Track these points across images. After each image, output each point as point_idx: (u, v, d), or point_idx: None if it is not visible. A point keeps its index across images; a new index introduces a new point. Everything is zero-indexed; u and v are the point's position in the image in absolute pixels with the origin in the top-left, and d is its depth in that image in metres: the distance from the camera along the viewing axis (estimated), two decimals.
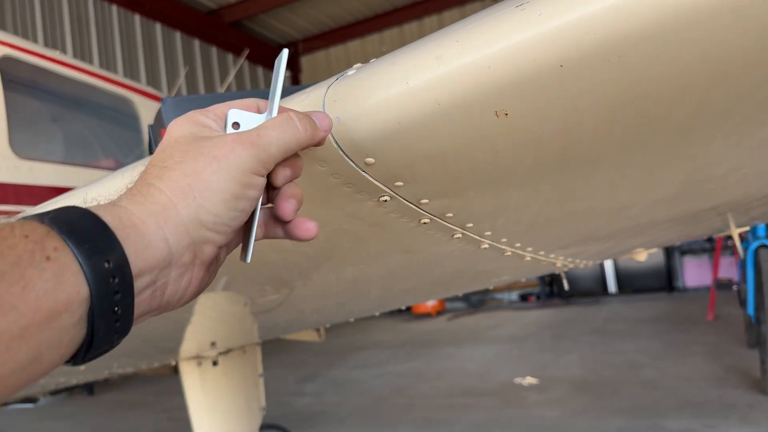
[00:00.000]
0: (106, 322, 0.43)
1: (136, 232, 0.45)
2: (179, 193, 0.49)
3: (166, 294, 0.49)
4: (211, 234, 0.50)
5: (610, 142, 0.66)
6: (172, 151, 0.52)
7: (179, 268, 0.49)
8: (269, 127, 0.54)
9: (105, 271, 0.42)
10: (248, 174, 0.51)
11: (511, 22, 0.52)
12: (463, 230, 0.88)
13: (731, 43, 0.50)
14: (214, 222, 0.50)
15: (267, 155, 0.53)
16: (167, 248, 0.47)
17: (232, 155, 0.51)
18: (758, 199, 1.17)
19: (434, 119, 0.58)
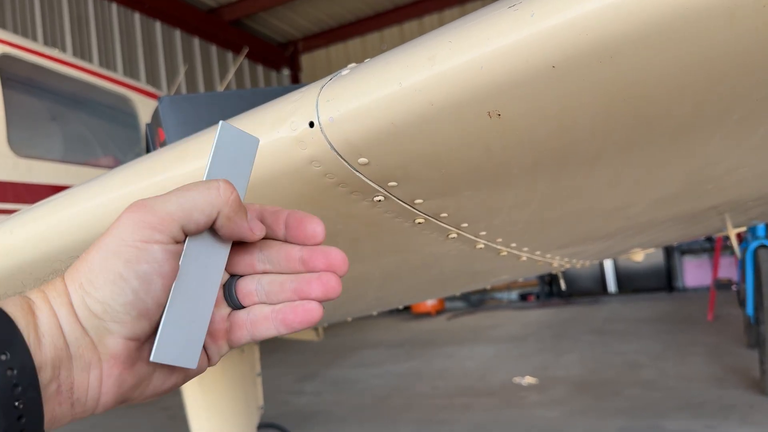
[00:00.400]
0: (7, 418, 0.39)
1: (34, 320, 0.42)
2: (70, 278, 0.45)
3: (75, 390, 0.44)
4: (108, 324, 0.44)
5: (606, 142, 0.66)
6: None
7: (80, 360, 0.44)
8: (179, 188, 0.47)
9: (1, 364, 0.39)
10: (132, 245, 0.44)
11: (503, 23, 0.52)
12: (458, 230, 0.88)
13: (725, 44, 0.50)
14: (104, 310, 0.43)
15: (157, 216, 0.44)
16: (62, 338, 0.43)
17: (115, 226, 0.45)
18: (756, 200, 1.17)
19: (427, 120, 0.58)
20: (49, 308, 0.43)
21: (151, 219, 0.44)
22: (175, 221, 0.45)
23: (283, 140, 0.65)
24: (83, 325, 0.44)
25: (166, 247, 0.45)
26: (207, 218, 0.47)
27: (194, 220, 0.46)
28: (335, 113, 0.61)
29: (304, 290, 0.50)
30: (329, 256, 0.51)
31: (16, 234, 0.89)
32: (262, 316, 0.51)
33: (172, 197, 0.46)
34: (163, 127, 1.33)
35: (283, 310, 0.51)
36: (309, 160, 0.65)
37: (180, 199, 0.46)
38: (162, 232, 0.44)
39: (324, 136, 0.62)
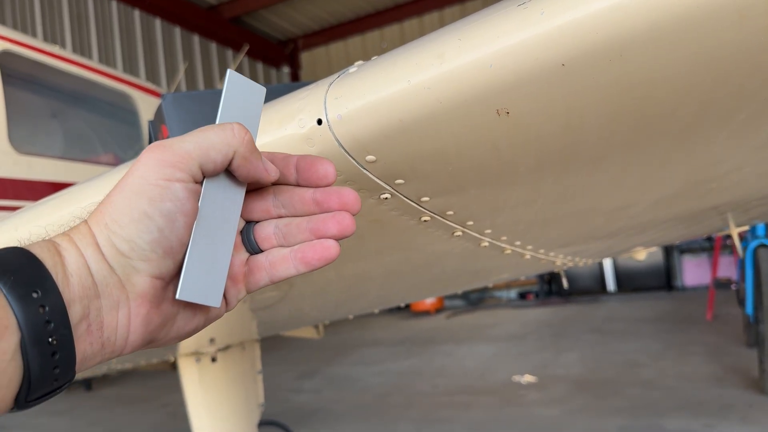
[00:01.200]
0: (41, 354, 0.41)
1: (62, 261, 0.44)
2: (95, 219, 0.46)
3: (105, 329, 0.45)
4: (134, 262, 0.45)
5: (612, 141, 0.66)
6: None
7: (108, 299, 0.45)
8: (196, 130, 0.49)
9: (33, 301, 0.41)
10: (155, 183, 0.45)
11: (512, 21, 0.52)
12: (463, 228, 0.88)
13: (733, 43, 0.50)
14: (130, 248, 0.45)
15: (176, 155, 0.46)
16: (90, 277, 0.44)
17: (136, 166, 0.46)
18: (758, 199, 1.17)
19: (436, 117, 0.58)
20: (76, 249, 0.44)
21: (170, 157, 0.46)
22: (193, 159, 0.46)
23: (291, 137, 0.65)
24: (110, 263, 0.45)
25: (187, 186, 0.46)
26: (224, 157, 0.48)
27: (212, 158, 0.47)
28: (343, 110, 0.61)
29: (320, 229, 0.52)
30: (342, 195, 0.52)
31: (21, 231, 0.89)
32: (280, 257, 0.53)
33: (188, 137, 0.47)
34: (167, 125, 1.33)
35: (302, 248, 0.52)
36: None
37: (197, 139, 0.47)
38: (182, 170, 0.46)
39: (332, 134, 0.62)
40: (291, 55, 11.88)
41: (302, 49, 11.91)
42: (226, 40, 10.31)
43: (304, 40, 11.79)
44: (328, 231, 0.52)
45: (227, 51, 10.44)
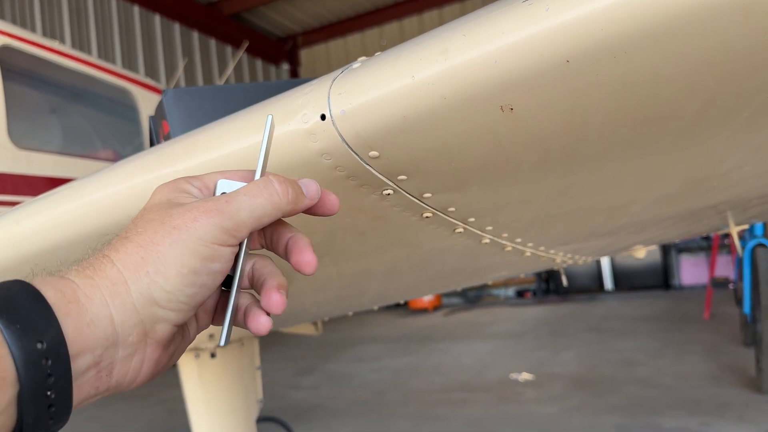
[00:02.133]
0: (37, 407, 0.39)
1: (78, 308, 0.42)
2: (132, 267, 0.45)
3: (114, 375, 0.45)
4: (165, 312, 0.46)
5: (616, 138, 0.66)
6: (139, 219, 0.48)
7: (127, 348, 0.45)
8: (241, 193, 0.49)
9: (36, 353, 0.39)
10: (210, 245, 0.46)
11: (517, 17, 0.52)
12: (465, 225, 0.88)
13: (738, 40, 0.50)
14: (168, 299, 0.45)
15: (233, 223, 0.47)
16: (111, 327, 0.43)
17: (193, 225, 0.46)
18: (758, 198, 1.17)
19: (439, 114, 0.58)
20: (101, 297, 0.44)
21: (229, 226, 0.47)
22: (247, 228, 0.48)
23: (294, 133, 0.65)
24: (140, 313, 0.45)
25: (233, 250, 0.48)
26: (271, 220, 0.50)
27: (263, 223, 0.49)
28: (347, 106, 0.61)
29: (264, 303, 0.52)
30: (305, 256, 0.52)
31: (23, 225, 0.89)
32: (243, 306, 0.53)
33: (243, 204, 0.48)
34: (168, 120, 1.32)
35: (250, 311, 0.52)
36: (320, 152, 0.65)
37: (251, 207, 0.48)
38: (236, 237, 0.48)
39: (335, 129, 0.62)
40: (290, 52, 11.86)
41: (302, 47, 11.89)
42: (225, 37, 10.30)
43: (303, 37, 11.77)
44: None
45: (227, 47, 10.42)
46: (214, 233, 0.46)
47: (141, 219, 0.48)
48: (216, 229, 0.46)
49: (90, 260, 0.46)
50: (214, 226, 0.46)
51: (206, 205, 0.47)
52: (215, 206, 0.47)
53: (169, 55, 9.24)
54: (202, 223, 0.46)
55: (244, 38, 9.49)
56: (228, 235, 0.47)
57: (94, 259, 0.46)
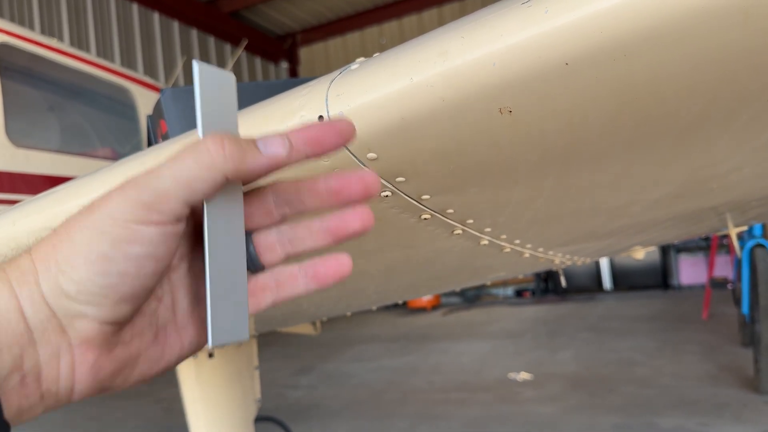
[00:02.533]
0: None
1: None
2: (42, 256, 0.40)
3: (43, 381, 0.40)
4: (80, 306, 0.39)
5: (615, 140, 0.66)
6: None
7: (47, 346, 0.40)
8: (167, 160, 0.41)
9: None
10: (124, 224, 0.39)
11: (516, 19, 0.52)
12: (463, 226, 0.88)
13: (737, 43, 0.50)
14: (77, 291, 0.39)
15: (153, 194, 0.39)
16: (23, 321, 0.39)
17: (105, 203, 0.39)
18: (758, 200, 1.17)
19: (438, 115, 0.58)
20: (9, 288, 0.39)
21: (146, 198, 0.39)
22: (173, 198, 0.39)
23: None
24: (51, 306, 0.39)
25: (164, 229, 0.40)
26: (212, 184, 0.40)
27: (198, 190, 0.40)
28: (345, 108, 0.61)
29: (341, 227, 0.45)
30: (365, 178, 0.45)
31: (19, 225, 0.88)
32: (288, 275, 0.46)
33: (164, 171, 0.39)
34: (166, 119, 1.32)
35: (313, 264, 0.45)
36: None
37: (174, 172, 0.39)
38: (160, 212, 0.39)
39: None
40: (289, 51, 11.87)
41: (301, 45, 11.90)
42: (224, 35, 10.30)
43: (302, 35, 11.77)
44: (349, 228, 0.45)
45: (226, 45, 10.42)
46: (128, 209, 0.39)
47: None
48: (130, 204, 0.39)
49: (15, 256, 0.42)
50: (128, 200, 0.39)
51: (126, 181, 0.41)
52: (133, 179, 0.40)
53: (167, 53, 9.23)
54: (114, 199, 0.39)
55: (243, 36, 9.49)
56: (146, 210, 0.39)
57: (18, 254, 0.42)
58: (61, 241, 0.40)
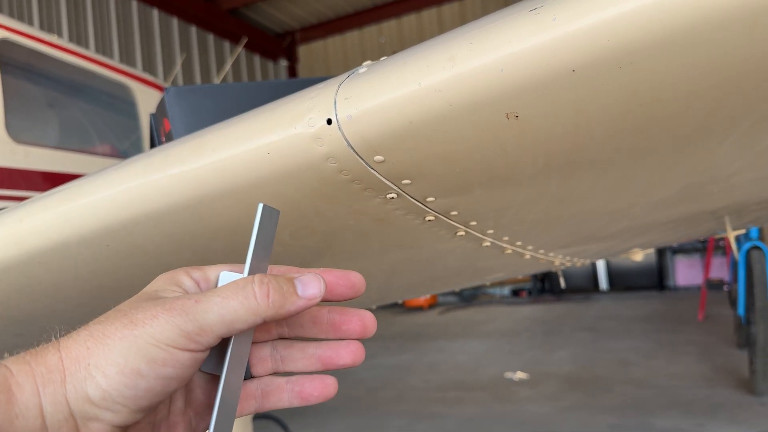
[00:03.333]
0: None
1: (8, 398, 0.39)
2: (74, 356, 0.41)
3: None
4: (99, 411, 0.40)
5: (619, 146, 0.67)
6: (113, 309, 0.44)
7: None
8: (215, 293, 0.44)
9: None
10: (163, 347, 0.41)
11: (525, 26, 0.53)
12: (466, 228, 0.89)
13: (743, 52, 0.51)
14: (102, 398, 0.40)
15: (196, 326, 0.42)
16: (41, 419, 0.39)
17: (150, 322, 0.41)
18: (757, 203, 1.18)
19: (445, 120, 0.59)
20: (33, 385, 0.40)
21: (190, 329, 0.42)
22: (214, 334, 0.43)
23: (300, 136, 0.66)
24: (72, 408, 0.40)
25: (196, 356, 0.43)
26: (248, 327, 0.44)
27: (236, 329, 0.44)
28: (353, 111, 0.62)
29: (332, 358, 0.48)
30: (363, 318, 0.49)
31: (26, 222, 0.89)
32: (275, 387, 0.49)
33: (212, 306, 0.43)
34: (169, 118, 1.33)
35: (300, 382, 0.49)
36: (325, 156, 0.66)
37: (220, 310, 0.43)
38: (198, 343, 0.42)
39: (341, 134, 0.63)
40: (288, 49, 11.86)
41: (300, 43, 11.89)
42: (224, 32, 10.29)
43: (301, 33, 11.77)
44: (341, 361, 0.48)
45: (225, 43, 10.41)
46: (171, 334, 0.41)
47: (115, 308, 0.44)
48: (174, 330, 0.41)
49: (39, 347, 0.43)
50: (173, 326, 0.41)
51: (173, 303, 0.43)
52: (181, 305, 0.43)
53: (167, 50, 9.22)
54: (160, 321, 0.41)
55: (243, 34, 9.49)
56: (187, 339, 0.42)
57: (44, 346, 0.42)
58: (96, 345, 0.41)
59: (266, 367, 0.50)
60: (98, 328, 0.42)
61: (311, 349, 0.49)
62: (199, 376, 0.49)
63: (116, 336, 0.41)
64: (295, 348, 0.49)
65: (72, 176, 3.26)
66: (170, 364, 0.41)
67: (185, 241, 0.86)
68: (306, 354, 0.49)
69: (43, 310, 1.11)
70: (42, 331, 1.13)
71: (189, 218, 0.79)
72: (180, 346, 0.42)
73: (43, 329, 1.16)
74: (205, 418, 0.49)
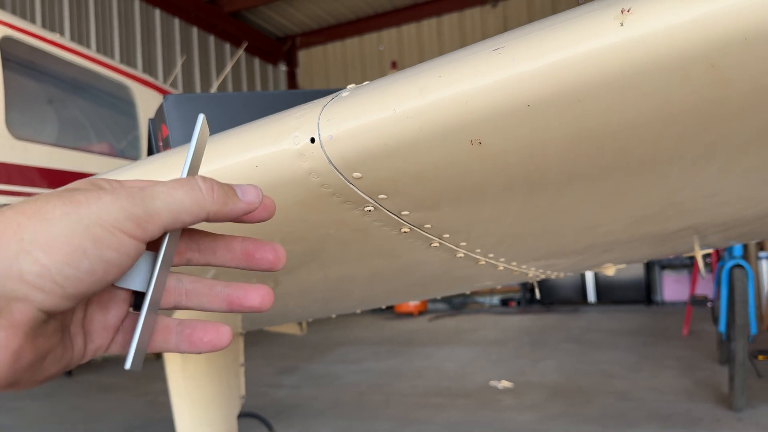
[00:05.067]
0: None
1: None
2: (3, 228, 0.37)
3: None
4: (28, 288, 0.36)
5: (573, 170, 0.73)
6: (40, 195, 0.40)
7: None
8: (159, 183, 0.42)
9: None
10: (111, 228, 0.38)
11: (487, 63, 0.59)
12: (440, 240, 0.96)
13: (678, 95, 0.57)
14: (39, 274, 0.36)
15: (144, 210, 0.40)
16: None
17: (95, 202, 0.38)
18: (717, 225, 1.25)
19: (416, 143, 0.65)
20: None
21: (138, 213, 0.40)
22: (161, 222, 0.41)
23: (286, 152, 0.72)
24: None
25: (138, 245, 0.40)
26: (193, 219, 0.42)
27: (180, 221, 0.42)
28: (334, 131, 0.68)
29: (240, 299, 0.46)
30: (277, 250, 0.48)
31: None
32: (163, 326, 0.46)
33: (158, 194, 0.41)
34: (167, 124, 1.39)
35: (191, 326, 0.46)
36: (308, 171, 0.72)
37: (167, 199, 0.41)
38: (144, 230, 0.40)
39: (323, 152, 0.69)
40: (288, 53, 11.93)
41: (300, 47, 11.96)
42: (224, 34, 10.35)
43: (302, 38, 11.85)
44: (249, 303, 0.46)
45: (225, 45, 10.48)
46: (119, 216, 0.39)
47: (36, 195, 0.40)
48: (122, 212, 0.39)
49: None
50: (120, 208, 0.39)
51: (115, 188, 0.41)
52: (125, 190, 0.40)
53: (167, 50, 9.28)
54: (105, 201, 0.39)
55: (243, 37, 9.56)
56: (135, 224, 0.39)
57: None
58: (30, 222, 0.37)
59: (168, 299, 0.46)
60: (29, 207, 0.38)
61: (219, 287, 0.47)
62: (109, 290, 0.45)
63: (56, 212, 0.37)
64: (202, 283, 0.47)
65: (69, 173, 3.32)
66: (115, 248, 0.39)
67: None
68: (213, 291, 0.47)
69: None
70: None
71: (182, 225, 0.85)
72: (127, 230, 0.39)
73: None
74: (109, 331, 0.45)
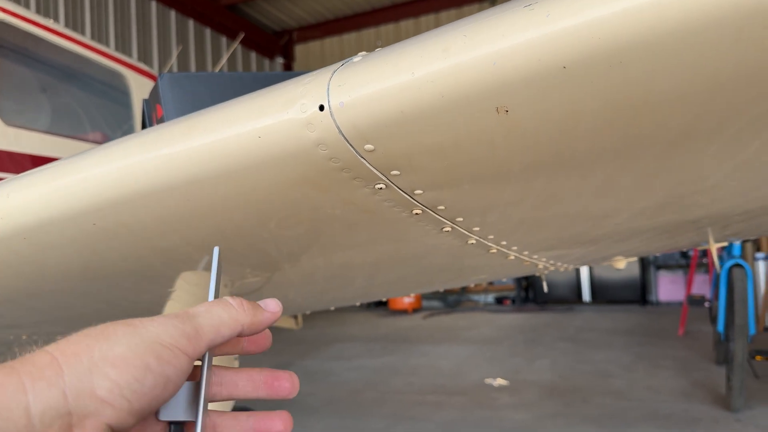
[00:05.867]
0: None
1: None
2: (71, 351, 0.40)
3: None
4: (99, 404, 0.39)
5: (605, 146, 0.68)
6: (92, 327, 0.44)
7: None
8: (198, 306, 0.48)
9: None
10: (169, 346, 0.43)
11: (519, 21, 0.54)
12: (452, 224, 0.90)
13: (730, 56, 0.52)
14: (110, 389, 0.39)
15: (194, 328, 0.45)
16: (25, 419, 0.36)
17: (151, 324, 0.43)
18: (740, 215, 1.20)
19: (436, 111, 0.59)
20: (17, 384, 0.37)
21: (190, 331, 0.45)
22: (206, 337, 0.46)
23: (292, 122, 0.66)
24: (70, 403, 0.38)
25: (190, 362, 0.45)
26: (231, 333, 0.48)
27: (221, 335, 0.47)
28: (346, 98, 0.62)
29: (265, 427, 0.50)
30: (293, 378, 0.53)
31: (13, 198, 0.89)
32: None
33: (200, 312, 0.47)
34: (162, 104, 1.33)
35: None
36: (316, 143, 0.66)
37: (210, 317, 0.47)
38: (195, 347, 0.45)
39: (333, 120, 0.63)
40: (285, 47, 11.86)
41: (297, 42, 11.89)
42: (221, 27, 10.27)
43: (299, 32, 11.77)
44: (273, 428, 0.50)
45: (221, 38, 10.39)
46: (174, 333, 0.43)
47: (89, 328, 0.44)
48: (176, 330, 0.44)
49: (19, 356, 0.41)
50: (174, 327, 0.44)
51: (163, 315, 0.46)
52: (173, 314, 0.46)
53: (163, 41, 9.19)
54: (160, 321, 0.44)
55: (240, 29, 9.47)
56: (187, 340, 0.44)
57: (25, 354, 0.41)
58: (97, 342, 0.41)
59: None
60: (93, 331, 0.42)
61: (244, 417, 0.50)
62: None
63: (118, 333, 0.42)
64: (226, 416, 0.50)
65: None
66: (173, 365, 0.43)
67: (172, 223, 0.86)
68: (238, 421, 0.50)
69: (26, 287, 1.10)
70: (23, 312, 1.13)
71: (177, 199, 0.79)
72: (182, 346, 0.44)
73: (24, 308, 1.15)
74: None
